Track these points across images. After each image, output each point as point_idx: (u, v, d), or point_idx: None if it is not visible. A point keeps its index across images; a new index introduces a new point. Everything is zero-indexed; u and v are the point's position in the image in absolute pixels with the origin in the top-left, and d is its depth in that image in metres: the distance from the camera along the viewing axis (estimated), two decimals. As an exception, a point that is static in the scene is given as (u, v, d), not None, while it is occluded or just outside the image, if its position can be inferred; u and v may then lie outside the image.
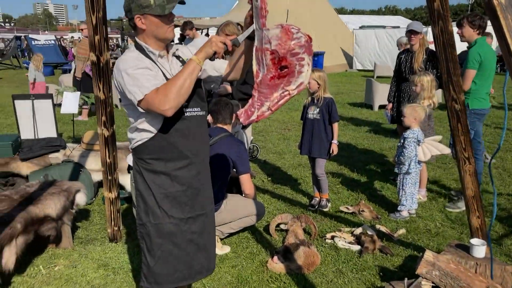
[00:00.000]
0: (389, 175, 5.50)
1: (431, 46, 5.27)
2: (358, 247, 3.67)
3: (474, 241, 2.90)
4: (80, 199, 3.81)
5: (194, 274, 2.40)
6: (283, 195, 4.97)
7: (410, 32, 5.10)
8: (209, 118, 3.74)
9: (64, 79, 11.31)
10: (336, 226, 4.13)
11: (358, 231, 3.86)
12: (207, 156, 2.44)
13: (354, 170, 5.76)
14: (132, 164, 2.39)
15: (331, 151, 4.38)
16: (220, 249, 3.60)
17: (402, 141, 4.19)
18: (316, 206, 4.53)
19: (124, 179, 4.64)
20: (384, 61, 18.69)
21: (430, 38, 7.31)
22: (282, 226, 3.97)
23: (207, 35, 20.64)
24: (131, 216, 4.28)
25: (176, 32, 12.22)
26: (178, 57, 2.32)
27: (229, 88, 4.82)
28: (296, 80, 1.98)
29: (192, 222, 2.34)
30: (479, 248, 2.84)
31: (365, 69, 20.23)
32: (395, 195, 4.79)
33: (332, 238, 3.83)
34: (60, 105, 6.95)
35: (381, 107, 9.77)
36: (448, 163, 5.95)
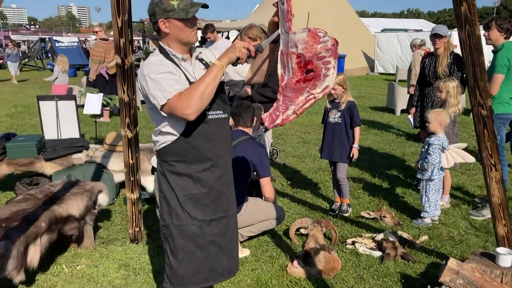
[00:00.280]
0: (411, 180, 5.43)
1: (456, 49, 5.22)
2: (379, 253, 3.62)
3: (500, 249, 2.84)
4: (102, 199, 3.86)
5: (216, 276, 2.41)
6: (303, 199, 4.94)
7: (435, 36, 5.02)
8: (230, 121, 3.74)
9: (86, 81, 11.50)
10: (357, 231, 4.09)
11: (380, 237, 3.82)
12: (230, 159, 2.45)
13: (375, 175, 5.69)
14: (156, 166, 2.40)
15: (351, 156, 4.34)
16: (240, 252, 3.59)
17: (426, 147, 4.12)
18: (337, 211, 4.49)
19: (146, 180, 4.69)
20: (406, 64, 18.45)
21: (454, 41, 7.21)
22: (302, 231, 3.95)
23: (228, 37, 20.75)
24: (152, 217, 4.32)
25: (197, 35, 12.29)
26: (201, 60, 2.34)
27: (249, 91, 4.83)
28: (321, 84, 1.98)
29: (215, 224, 2.34)
30: (506, 257, 2.77)
31: (386, 72, 20.04)
32: (417, 201, 4.72)
33: (353, 243, 3.79)
34: (83, 106, 7.07)
35: (403, 111, 9.66)
36: (472, 169, 5.84)
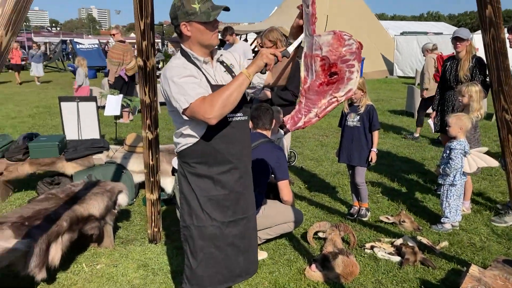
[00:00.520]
0: (431, 185, 5.36)
1: (477, 53, 5.14)
2: (398, 258, 3.58)
3: (524, 257, 2.79)
4: (122, 199, 3.90)
5: (234, 277, 2.42)
6: (321, 202, 4.92)
7: (456, 39, 4.95)
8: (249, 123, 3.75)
9: (106, 82, 11.65)
10: (376, 236, 4.06)
11: (399, 242, 3.77)
12: (250, 161, 2.46)
13: (394, 179, 5.64)
14: (177, 167, 2.43)
15: (370, 159, 4.31)
16: (258, 254, 3.59)
17: (448, 151, 4.06)
18: (355, 215, 4.46)
19: (164, 182, 4.73)
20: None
21: (476, 45, 7.09)
22: (320, 234, 3.93)
23: (246, 40, 20.81)
24: (170, 218, 4.35)
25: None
26: (222, 62, 2.35)
27: (268, 94, 4.83)
28: (345, 87, 1.97)
29: (234, 225, 2.35)
30: (529, 265, 2.72)
31: (406, 75, 19.84)
32: (437, 206, 4.66)
33: (372, 248, 3.76)
34: (103, 107, 7.16)
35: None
36: (494, 174, 5.74)
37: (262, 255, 3.65)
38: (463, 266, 3.39)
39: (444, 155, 4.14)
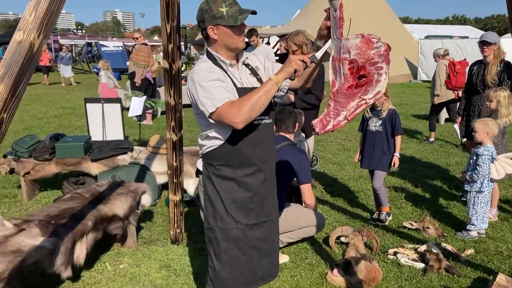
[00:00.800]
0: (456, 191, 5.27)
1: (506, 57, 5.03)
2: (422, 265, 3.53)
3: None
4: (146, 200, 3.95)
5: (256, 280, 2.42)
6: (343, 207, 4.88)
7: (483, 43, 4.86)
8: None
9: (130, 84, 11.83)
10: (399, 242, 4.00)
11: (423, 248, 3.72)
12: (274, 164, 2.46)
13: (418, 185, 5.55)
14: (201, 168, 2.44)
15: (392, 164, 4.26)
16: (279, 257, 3.58)
17: (474, 158, 3.98)
18: (386, 222, 4.40)
19: (187, 183, 4.76)
20: (451, 72, 17.95)
21: (504, 48, 6.94)
22: (342, 239, 3.90)
23: (268, 43, 20.83)
24: (192, 220, 4.38)
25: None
26: (247, 65, 2.36)
27: (292, 97, 4.83)
28: (373, 89, 1.97)
29: (257, 228, 2.35)
30: (560, 276, 2.65)
31: (430, 80, 19.53)
32: (462, 212, 4.57)
33: (395, 254, 3.71)
34: (127, 109, 7.27)
35: (447, 120, 9.39)
36: (521, 181, 5.60)
37: (284, 258, 3.64)
38: (489, 275, 3.32)
39: (471, 161, 4.05)
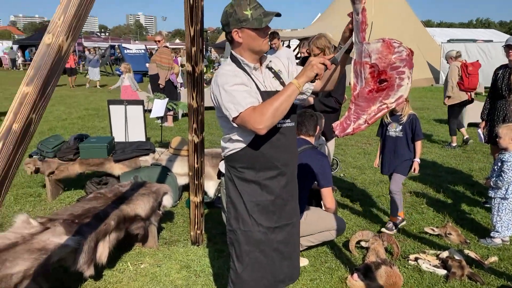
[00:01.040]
0: (479, 197, 5.18)
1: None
2: (444, 272, 3.48)
3: None
4: (167, 201, 3.99)
5: (278, 282, 2.42)
6: (363, 211, 4.85)
7: (508, 47, 4.78)
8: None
9: (151, 87, 11.96)
10: (420, 247, 3.96)
11: (445, 254, 3.67)
12: (296, 167, 2.47)
13: (440, 190, 5.48)
14: (223, 171, 2.46)
15: (412, 170, 4.20)
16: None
17: (499, 164, 3.91)
18: (399, 225, 4.36)
19: (207, 185, 4.80)
20: (475, 76, 17.64)
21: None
22: (363, 244, 3.87)
23: (288, 46, 20.81)
24: (212, 221, 4.41)
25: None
26: (270, 68, 2.37)
27: (311, 100, 4.82)
28: (395, 94, 1.96)
29: (279, 231, 2.36)
30: None
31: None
32: (485, 219, 4.49)
33: (416, 259, 3.67)
34: (149, 111, 7.35)
35: (470, 125, 9.23)
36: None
37: (303, 262, 3.63)
38: (513, 283, 3.26)
39: (495, 167, 3.98)
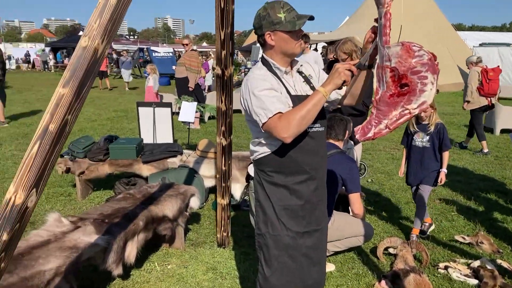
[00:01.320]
0: (512, 206, 5.04)
1: None
2: (475, 282, 3.39)
3: None
4: (194, 203, 4.02)
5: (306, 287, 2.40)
6: (391, 218, 4.77)
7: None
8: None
9: (178, 90, 12.10)
10: (450, 256, 3.87)
11: (476, 264, 3.57)
12: (325, 172, 2.45)
13: (471, 197, 5.35)
14: (252, 174, 2.46)
15: (439, 180, 4.11)
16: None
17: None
18: (428, 231, 4.28)
19: (233, 188, 4.81)
20: (508, 81, 17.19)
21: None
22: (391, 250, 3.81)
23: (316, 49, 20.74)
24: (237, 224, 4.42)
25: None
26: (300, 72, 2.36)
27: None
28: (417, 99, 1.92)
29: (308, 236, 2.34)
30: None
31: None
32: (519, 228, 4.36)
33: (446, 268, 3.59)
34: (177, 113, 7.43)
35: (503, 131, 9.01)
36: None
37: (330, 267, 3.60)
38: (549, 296, 3.15)
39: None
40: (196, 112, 8.38)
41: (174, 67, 11.42)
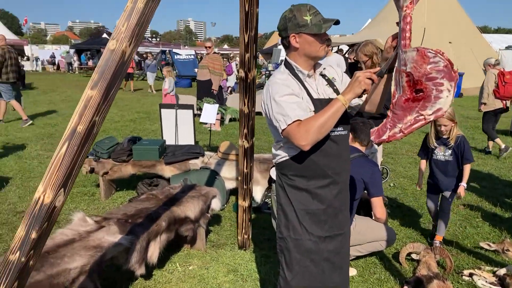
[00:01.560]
0: (539, 213, 4.91)
1: None
2: (501, 290, 3.32)
3: None
4: (215, 204, 4.04)
5: None
6: (414, 223, 4.70)
7: None
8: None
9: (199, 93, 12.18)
10: (475, 263, 3.79)
11: (502, 271, 3.49)
12: (348, 176, 2.43)
13: (496, 203, 5.23)
14: (274, 177, 2.46)
15: (457, 195, 4.02)
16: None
17: None
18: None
19: (254, 190, 4.82)
20: (535, 85, 16.75)
21: None
22: (413, 256, 3.75)
23: (341, 50, 20.65)
24: (258, 226, 4.42)
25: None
26: (324, 76, 2.35)
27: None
28: (432, 106, 1.90)
29: (330, 241, 2.33)
30: None
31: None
32: (547, 236, 4.25)
33: (470, 275, 3.52)
34: (198, 115, 7.49)
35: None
36: None
37: (352, 272, 3.57)
38: None
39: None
40: (217, 114, 8.45)
41: (196, 70, 11.52)
